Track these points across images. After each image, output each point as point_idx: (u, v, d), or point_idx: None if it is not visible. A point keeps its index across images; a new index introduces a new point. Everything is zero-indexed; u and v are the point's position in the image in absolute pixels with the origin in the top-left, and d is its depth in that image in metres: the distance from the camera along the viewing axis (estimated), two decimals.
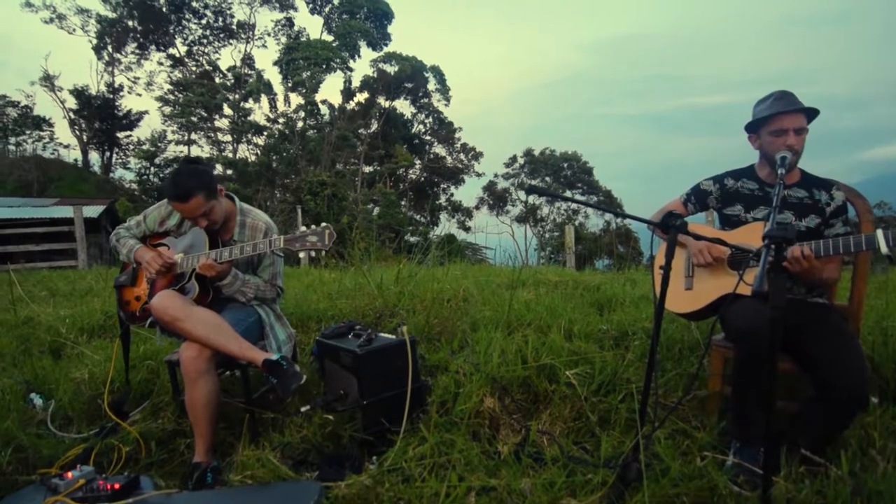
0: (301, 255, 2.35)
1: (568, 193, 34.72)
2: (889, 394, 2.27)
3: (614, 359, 2.60)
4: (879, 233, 1.83)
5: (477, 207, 35.36)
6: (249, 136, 26.99)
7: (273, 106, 28.18)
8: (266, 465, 1.97)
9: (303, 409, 2.25)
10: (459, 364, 2.50)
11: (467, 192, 36.55)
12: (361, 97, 31.58)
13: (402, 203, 29.67)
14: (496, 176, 35.90)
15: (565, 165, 33.91)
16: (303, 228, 2.34)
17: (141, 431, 2.40)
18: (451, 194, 34.87)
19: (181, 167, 2.43)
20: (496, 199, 35.58)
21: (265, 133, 26.48)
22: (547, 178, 34.52)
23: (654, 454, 1.97)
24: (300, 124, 25.66)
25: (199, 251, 2.44)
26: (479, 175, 35.16)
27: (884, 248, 1.81)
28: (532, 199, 34.99)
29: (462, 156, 35.33)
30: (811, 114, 2.15)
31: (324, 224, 2.32)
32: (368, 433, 2.17)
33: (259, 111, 28.08)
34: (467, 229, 32.07)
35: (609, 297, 3.89)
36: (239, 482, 1.94)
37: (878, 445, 1.90)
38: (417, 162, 34.13)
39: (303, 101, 25.82)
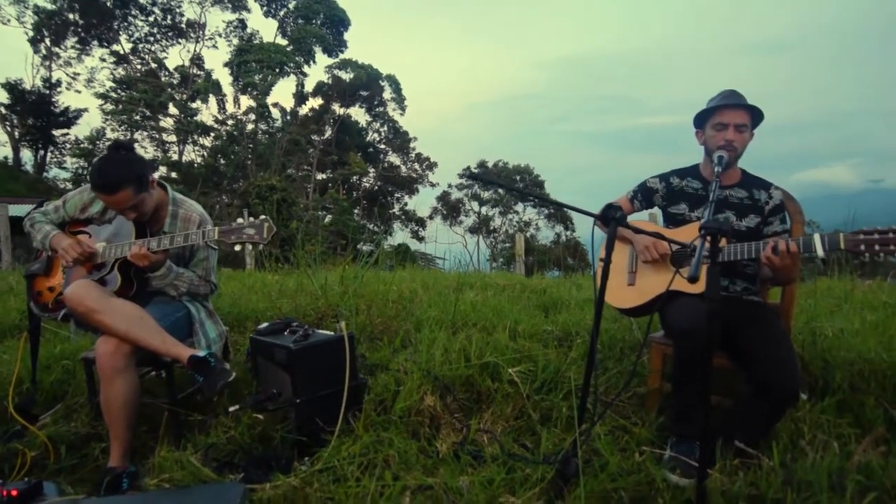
0: (247, 258, 2.23)
1: (519, 206, 35.30)
2: (817, 390, 2.34)
3: (557, 357, 2.59)
4: (816, 237, 1.88)
5: (430, 217, 35.45)
6: (196, 136, 26.06)
7: (222, 107, 27.41)
8: (186, 468, 1.83)
9: (231, 409, 2.11)
10: (400, 362, 2.42)
11: (421, 201, 36.59)
12: (315, 103, 31.19)
13: (355, 211, 29.32)
14: (450, 186, 36.12)
15: (517, 178, 34.45)
16: (240, 220, 2.22)
17: (50, 435, 2.19)
18: (405, 204, 34.83)
19: (110, 154, 2.22)
20: (450, 209, 35.76)
21: (212, 134, 25.66)
22: (500, 190, 34.99)
23: (594, 450, 1.95)
24: (250, 127, 25.03)
25: (124, 241, 2.27)
26: (433, 185, 35.33)
27: (820, 252, 1.85)
28: (485, 209, 35.39)
29: (416, 165, 35.41)
30: (755, 115, 2.21)
31: (263, 216, 2.21)
32: (301, 433, 2.05)
33: (207, 112, 27.23)
34: (421, 239, 32.07)
35: (555, 300, 3.90)
36: (155, 486, 1.79)
37: (807, 438, 1.95)
38: (371, 170, 33.91)
39: (253, 104, 25.23)
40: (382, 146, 35.12)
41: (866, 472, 1.65)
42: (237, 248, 2.20)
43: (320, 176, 30.61)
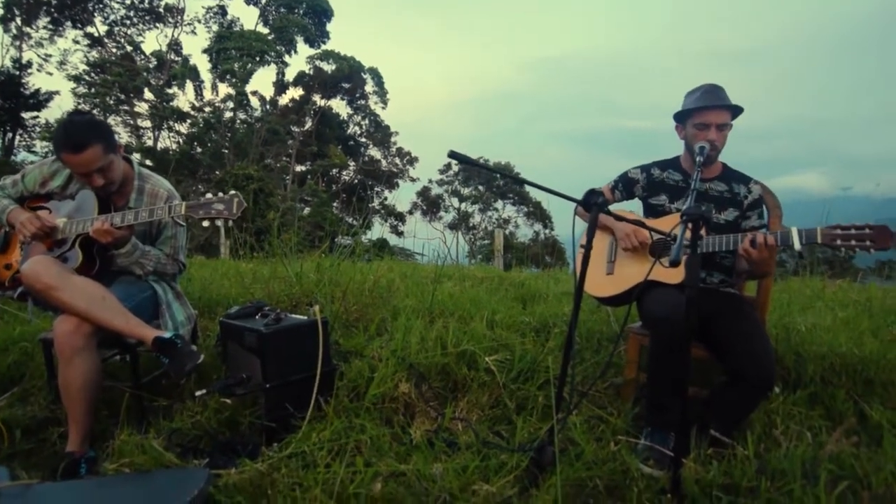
0: (222, 247, 2.15)
1: (499, 204, 35.39)
2: (790, 383, 2.36)
3: (535, 347, 2.56)
4: (794, 230, 1.89)
5: (410, 212, 35.28)
6: (171, 123, 25.45)
7: (199, 94, 26.83)
8: (148, 453, 1.74)
9: (198, 394, 2.02)
10: (375, 349, 2.37)
11: (401, 196, 36.44)
12: (296, 93, 30.76)
13: (334, 204, 29.02)
14: (430, 182, 36.03)
15: (498, 176, 34.51)
16: (209, 195, 2.14)
17: (4, 418, 2.09)
18: (385, 198, 34.57)
19: (73, 117, 2.11)
20: (430, 204, 35.67)
21: (189, 121, 25.08)
22: (480, 187, 35.04)
23: (570, 439, 1.93)
24: (228, 114, 24.55)
25: (86, 216, 2.17)
26: (413, 180, 35.17)
27: (797, 245, 1.87)
28: (465, 206, 35.37)
29: (397, 160, 35.22)
30: (736, 111, 2.20)
31: (233, 192, 2.13)
32: (271, 419, 1.98)
33: (183, 98, 26.62)
34: (400, 234, 31.90)
35: (533, 293, 3.89)
36: (115, 471, 1.70)
37: (780, 428, 1.96)
38: (352, 163, 33.61)
39: (232, 92, 24.76)
40: (363, 139, 34.85)
41: (838, 462, 1.66)
42: (205, 223, 2.12)
43: (299, 167, 30.20)
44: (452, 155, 1.63)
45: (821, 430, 1.99)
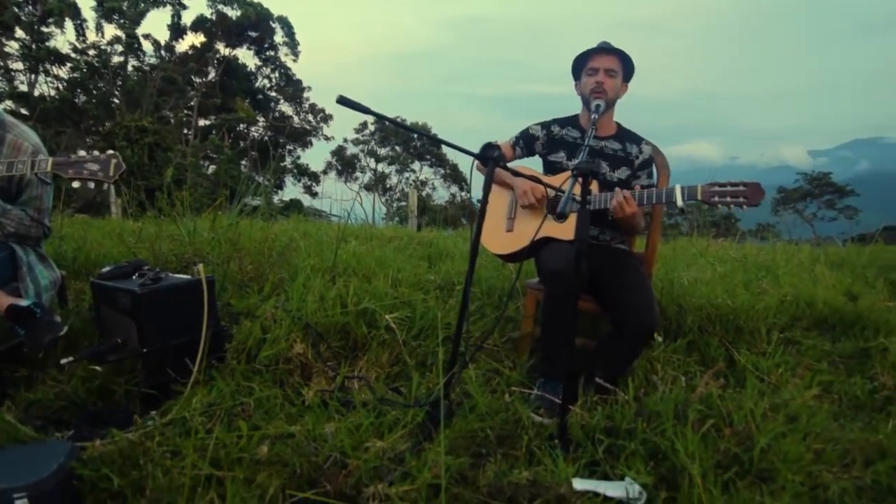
0: (113, 207, 1.92)
1: (416, 164, 35.12)
2: (671, 332, 2.53)
3: (437, 304, 2.56)
4: (677, 188, 2.00)
5: (325, 172, 34.20)
6: (48, 66, 22.60)
7: (81, 34, 23.87)
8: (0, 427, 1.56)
9: (63, 362, 1.84)
10: (269, 309, 2.25)
11: (315, 156, 35.13)
12: (196, 39, 28.32)
13: (243, 163, 27.41)
14: (346, 141, 35.01)
15: (415, 136, 34.10)
16: (82, 153, 1.90)
17: None
18: (298, 157, 33.15)
19: None
20: (345, 164, 34.74)
21: (69, 65, 22.37)
22: (397, 147, 34.53)
23: (466, 392, 1.95)
24: (117, 59, 22.15)
25: None
26: (327, 139, 33.91)
27: (679, 202, 1.98)
28: (381, 167, 34.78)
29: (310, 117, 33.70)
30: (626, 65, 2.25)
31: (110, 151, 1.92)
32: (149, 386, 1.84)
33: (62, 38, 23.67)
34: (314, 195, 30.92)
35: (441, 251, 3.89)
36: None
37: (660, 374, 2.10)
38: (261, 119, 31.77)
39: (120, 34, 22.31)
40: (273, 94, 32.93)
41: (707, 403, 1.79)
42: (75, 184, 1.90)
43: (203, 122, 28.14)
44: (341, 100, 1.53)
45: (695, 375, 2.15)
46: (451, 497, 1.41)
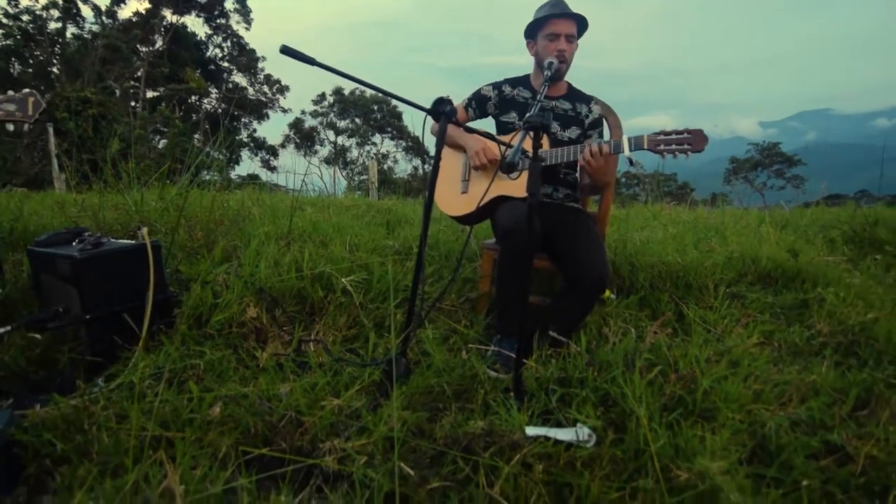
0: (56, 182, 1.81)
1: (377, 137, 34.57)
2: (624, 289, 2.60)
3: (394, 268, 2.55)
4: (625, 138, 2.03)
5: (283, 146, 33.26)
6: None
7: None
8: None
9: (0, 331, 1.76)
10: (220, 274, 2.20)
11: (272, 129, 34.05)
12: (140, 5, 26.80)
13: (196, 136, 26.36)
14: (303, 113, 34.03)
15: (375, 108, 33.48)
16: None
17: None
18: (254, 130, 32.07)
19: None
20: (303, 137, 33.86)
21: (1, 31, 20.89)
22: (357, 120, 33.85)
23: (424, 351, 1.97)
24: (54, 25, 20.77)
25: None
26: (284, 111, 32.88)
27: (626, 151, 2.01)
28: (341, 140, 34.08)
29: (266, 88, 32.56)
30: (581, 21, 2.24)
31: (27, 90, 1.80)
32: (94, 353, 1.78)
33: None
34: (272, 169, 30.09)
35: (399, 218, 3.86)
36: None
37: (612, 328, 2.15)
38: (214, 91, 30.52)
39: None
40: (225, 64, 31.61)
41: (655, 352, 1.86)
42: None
43: (151, 93, 26.82)
44: (285, 50, 1.47)
45: (645, 328, 2.22)
46: (408, 449, 1.43)
